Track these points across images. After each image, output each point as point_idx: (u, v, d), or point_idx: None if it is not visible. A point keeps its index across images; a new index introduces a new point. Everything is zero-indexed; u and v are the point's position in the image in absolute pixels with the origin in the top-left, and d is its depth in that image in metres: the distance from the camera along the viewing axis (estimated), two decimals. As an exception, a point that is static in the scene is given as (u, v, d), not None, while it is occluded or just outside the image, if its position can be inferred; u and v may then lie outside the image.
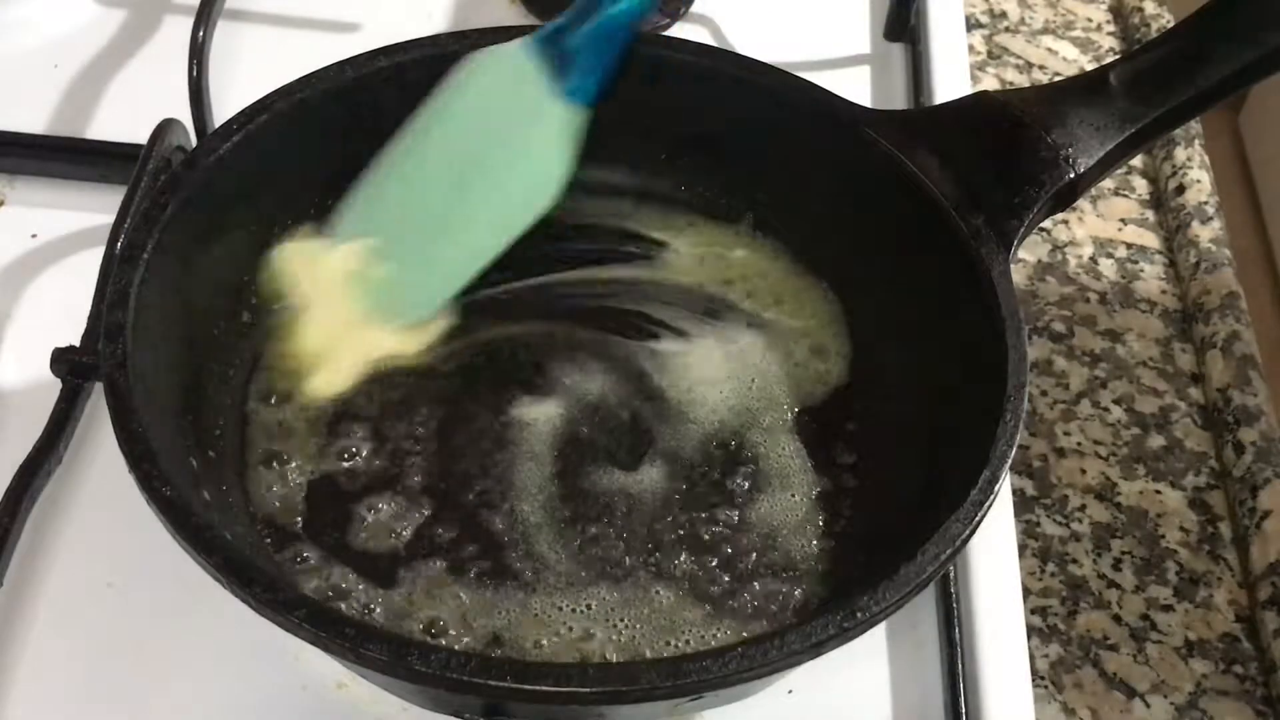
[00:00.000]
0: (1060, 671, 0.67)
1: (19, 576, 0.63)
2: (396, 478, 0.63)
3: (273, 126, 0.65)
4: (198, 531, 0.51)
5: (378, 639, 0.49)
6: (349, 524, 0.61)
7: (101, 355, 0.55)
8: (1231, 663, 0.68)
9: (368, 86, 0.67)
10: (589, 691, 0.49)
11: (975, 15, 1.00)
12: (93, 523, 0.65)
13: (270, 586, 0.50)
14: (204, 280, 0.63)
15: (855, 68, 0.92)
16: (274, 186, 0.66)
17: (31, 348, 0.69)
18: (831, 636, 0.50)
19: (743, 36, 0.92)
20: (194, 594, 0.57)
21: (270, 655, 0.61)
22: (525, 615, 0.58)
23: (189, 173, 0.62)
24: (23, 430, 0.65)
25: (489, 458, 0.64)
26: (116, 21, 0.91)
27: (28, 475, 0.64)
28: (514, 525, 0.61)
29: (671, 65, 0.70)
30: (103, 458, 0.67)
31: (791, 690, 0.62)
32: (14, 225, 0.78)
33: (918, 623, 0.64)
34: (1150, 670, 0.67)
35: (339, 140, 0.68)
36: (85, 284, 0.68)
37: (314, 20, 0.91)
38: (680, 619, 0.59)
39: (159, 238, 0.59)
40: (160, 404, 0.57)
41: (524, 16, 0.93)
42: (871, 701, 0.62)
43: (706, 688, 0.50)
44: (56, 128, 0.83)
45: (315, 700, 0.60)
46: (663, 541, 0.61)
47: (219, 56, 0.84)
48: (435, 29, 0.77)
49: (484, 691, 0.48)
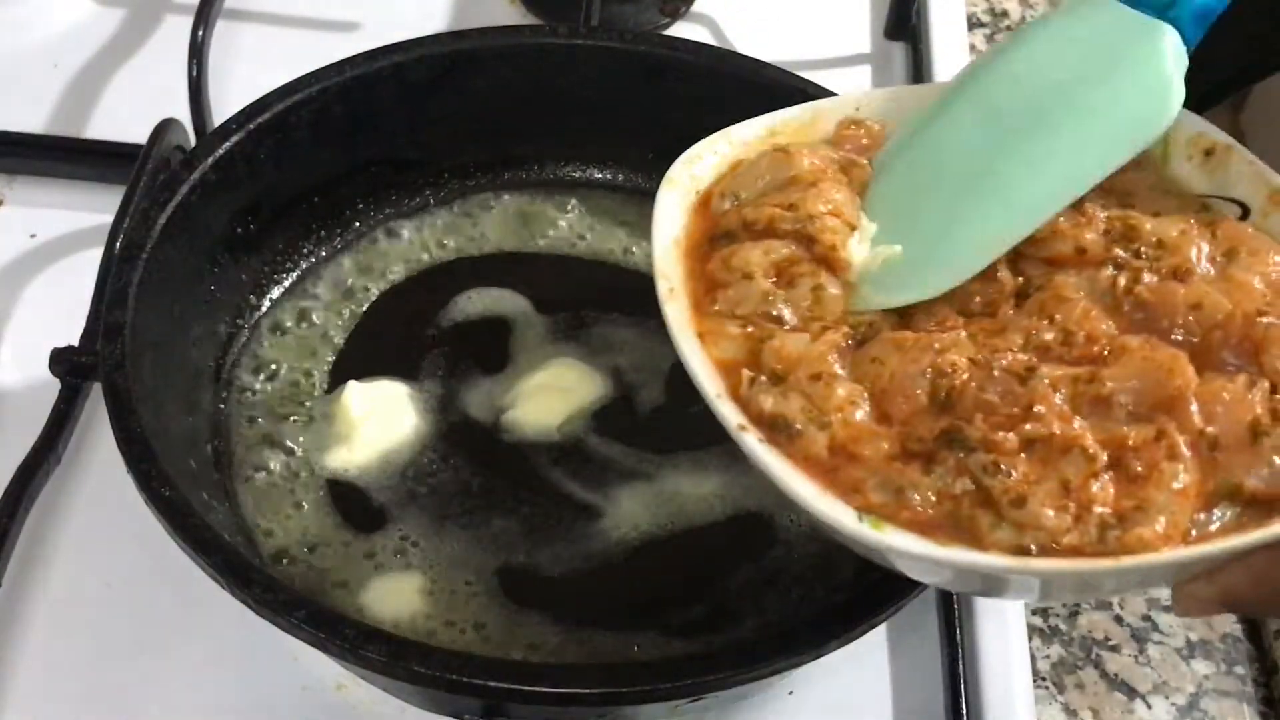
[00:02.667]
0: (1061, 672, 0.66)
1: (18, 577, 0.63)
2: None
3: (273, 126, 0.65)
4: (197, 532, 0.51)
5: (377, 640, 0.49)
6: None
7: (101, 355, 0.55)
8: (1233, 664, 0.68)
9: (368, 86, 0.68)
10: (589, 692, 0.49)
11: (976, 14, 1.00)
12: (91, 523, 0.65)
13: (269, 587, 0.49)
14: (204, 280, 0.64)
15: (856, 67, 0.92)
16: (274, 186, 0.67)
17: (30, 348, 0.69)
18: (833, 637, 0.50)
19: (743, 36, 0.92)
20: (193, 594, 0.57)
21: (269, 656, 0.61)
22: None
23: (188, 172, 0.62)
24: (21, 430, 0.65)
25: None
26: (116, 21, 0.90)
27: (27, 475, 0.64)
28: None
29: (671, 65, 0.70)
30: (101, 458, 0.67)
31: (792, 691, 0.62)
32: (13, 225, 0.78)
33: (919, 623, 0.64)
34: (1152, 671, 0.67)
35: (339, 140, 0.68)
36: (84, 284, 0.68)
37: (314, 20, 0.91)
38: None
39: (158, 238, 0.59)
40: (159, 404, 0.57)
41: (524, 16, 0.93)
42: (872, 701, 0.62)
43: (707, 689, 0.50)
44: (55, 127, 0.83)
45: (314, 701, 0.60)
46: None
47: (219, 56, 0.84)
48: (435, 29, 0.77)
49: (483, 693, 0.48)
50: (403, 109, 0.69)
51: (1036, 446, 0.46)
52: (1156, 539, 0.43)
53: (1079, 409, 0.47)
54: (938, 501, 0.46)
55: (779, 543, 0.61)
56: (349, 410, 0.63)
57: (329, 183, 0.70)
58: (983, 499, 0.45)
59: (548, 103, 0.72)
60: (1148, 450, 0.45)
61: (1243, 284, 0.50)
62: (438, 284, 0.70)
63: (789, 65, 0.69)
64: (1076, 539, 0.44)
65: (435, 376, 0.66)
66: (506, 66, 0.70)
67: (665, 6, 0.92)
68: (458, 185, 0.74)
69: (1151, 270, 0.50)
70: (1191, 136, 0.56)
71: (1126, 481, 0.45)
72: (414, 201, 0.73)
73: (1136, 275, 0.50)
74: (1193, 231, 0.52)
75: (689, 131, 0.59)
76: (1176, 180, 0.56)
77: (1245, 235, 0.52)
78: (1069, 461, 0.45)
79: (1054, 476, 0.45)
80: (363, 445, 0.63)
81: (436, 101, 0.70)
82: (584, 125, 0.73)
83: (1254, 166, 0.54)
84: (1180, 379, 0.46)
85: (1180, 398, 0.46)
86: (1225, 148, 0.55)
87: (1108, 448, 0.45)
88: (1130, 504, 0.44)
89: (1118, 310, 0.50)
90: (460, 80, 0.70)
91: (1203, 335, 0.49)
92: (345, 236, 0.71)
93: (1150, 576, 0.46)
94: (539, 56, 0.70)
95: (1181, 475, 0.44)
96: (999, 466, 0.45)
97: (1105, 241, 0.52)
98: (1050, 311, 0.50)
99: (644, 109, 0.71)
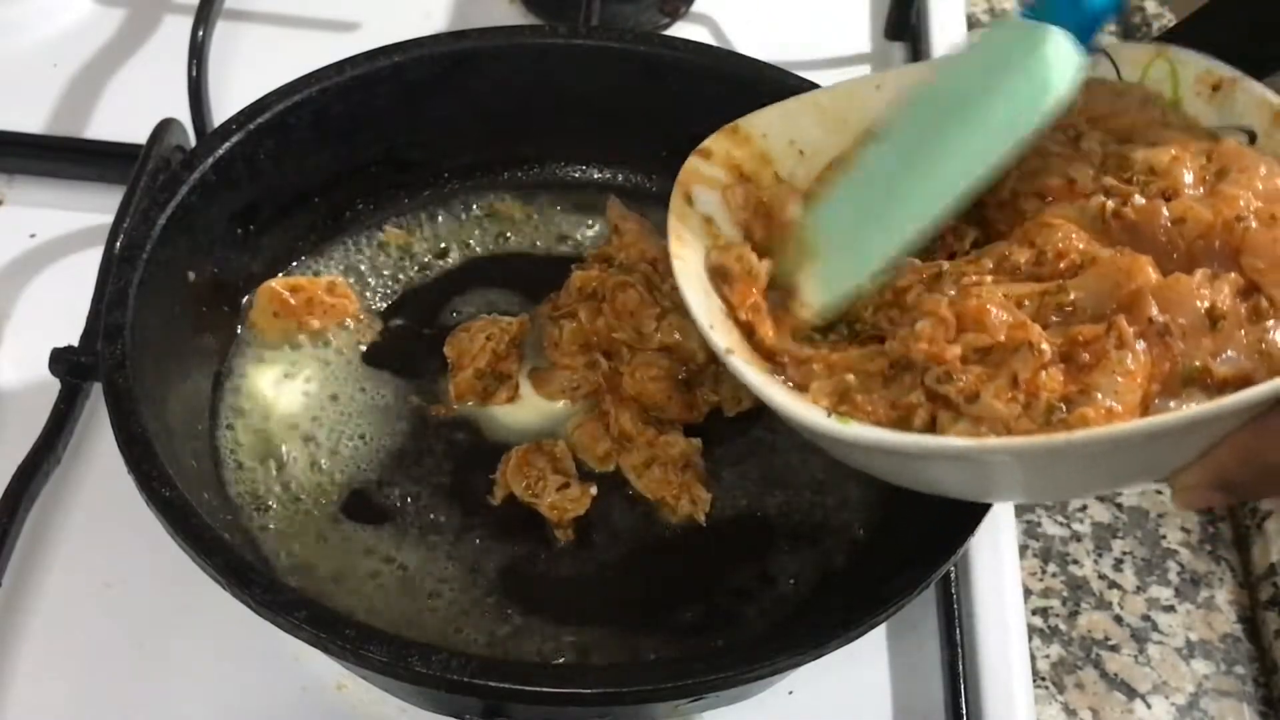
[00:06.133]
0: (1061, 672, 0.66)
1: (18, 577, 0.63)
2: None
3: (272, 127, 0.65)
4: (197, 532, 0.51)
5: (378, 640, 0.49)
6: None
7: (101, 355, 0.55)
8: (1233, 663, 0.68)
9: (368, 86, 0.67)
10: (589, 693, 0.49)
11: (976, 14, 1.00)
12: (91, 523, 0.65)
13: (270, 588, 0.49)
14: (205, 280, 0.64)
15: (856, 67, 0.92)
16: (274, 187, 0.66)
17: (30, 348, 0.69)
18: (833, 637, 0.50)
19: (743, 36, 0.92)
20: (193, 595, 0.57)
21: (269, 656, 0.61)
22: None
23: (188, 173, 0.62)
24: (21, 430, 0.65)
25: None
26: (115, 21, 0.90)
27: (26, 476, 0.64)
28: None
29: (671, 65, 0.70)
30: (101, 458, 0.67)
31: (792, 690, 0.62)
32: (13, 225, 0.77)
33: (918, 623, 0.64)
34: (1151, 671, 0.67)
35: (339, 141, 0.68)
36: (84, 284, 0.68)
37: (314, 20, 0.91)
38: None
39: (158, 238, 0.59)
40: (159, 404, 0.57)
41: (524, 16, 0.93)
42: (872, 701, 0.62)
43: (707, 689, 0.50)
44: (55, 127, 0.83)
45: (314, 701, 0.60)
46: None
47: (219, 56, 0.84)
48: (435, 29, 0.77)
49: (484, 693, 0.48)
50: (403, 109, 0.69)
51: (989, 353, 0.48)
52: (1100, 416, 0.45)
53: (1043, 318, 0.49)
54: (893, 408, 0.49)
55: (779, 543, 0.61)
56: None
57: (329, 183, 0.70)
58: (943, 403, 0.48)
59: (548, 103, 0.72)
60: (1097, 342, 0.47)
61: (1229, 197, 0.51)
62: (437, 284, 0.70)
63: (789, 65, 0.69)
64: (1026, 424, 0.46)
65: (435, 376, 0.66)
66: (506, 66, 0.70)
67: (665, 6, 0.92)
68: (458, 185, 0.74)
69: (1142, 194, 0.52)
70: (1199, 74, 0.57)
71: (1076, 371, 0.47)
72: (414, 202, 0.73)
73: (1126, 199, 0.52)
74: (1185, 156, 0.53)
75: (689, 131, 0.59)
76: (1188, 118, 0.57)
77: (1239, 154, 0.53)
78: (1018, 358, 0.48)
79: (1004, 373, 0.48)
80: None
81: (436, 101, 0.70)
82: (584, 125, 0.73)
83: (1259, 93, 0.56)
84: (1140, 278, 0.48)
85: (1139, 295, 0.48)
86: (1231, 80, 0.56)
87: (1062, 347, 0.48)
88: (1076, 389, 0.47)
89: (1106, 234, 0.51)
90: (460, 80, 0.70)
91: (1186, 246, 0.50)
92: (345, 236, 0.71)
93: (1118, 455, 0.47)
94: (539, 56, 0.70)
95: (1129, 360, 0.46)
96: (950, 376, 0.48)
97: (1096, 172, 0.54)
98: (1031, 237, 0.52)
99: (644, 109, 0.71)
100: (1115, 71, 0.59)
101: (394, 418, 0.64)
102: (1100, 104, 0.57)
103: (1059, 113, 0.53)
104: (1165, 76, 0.58)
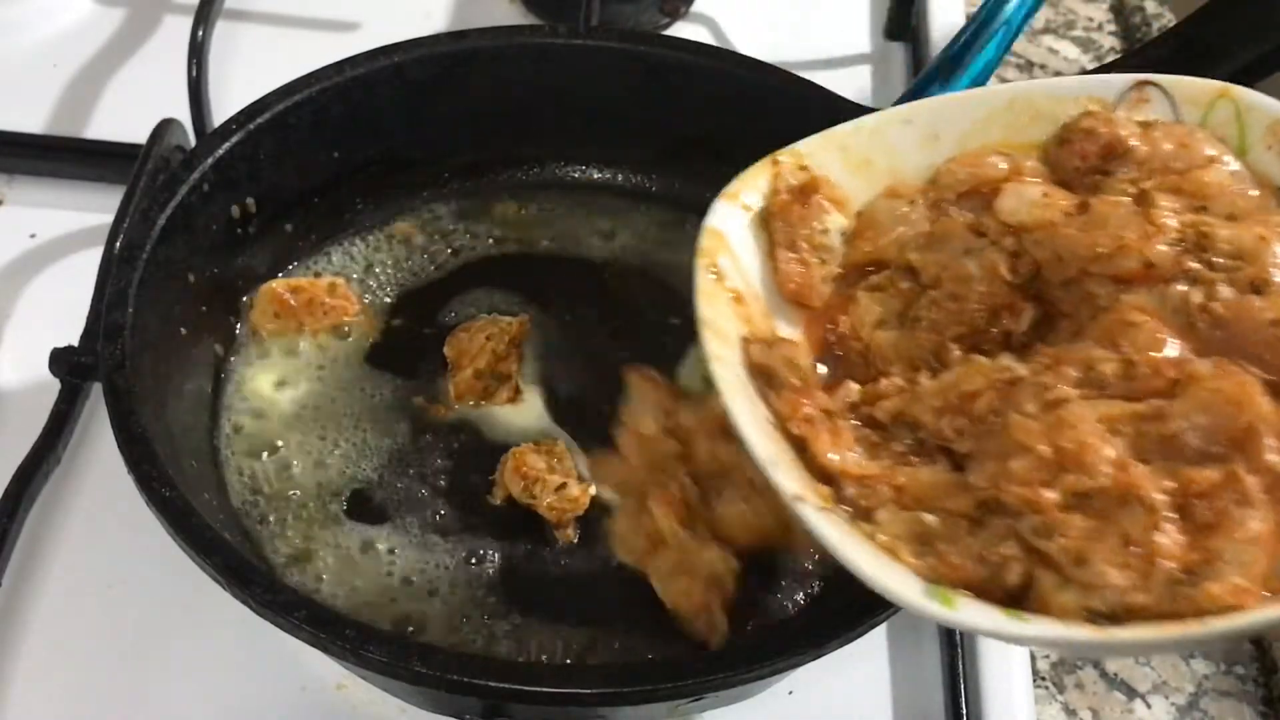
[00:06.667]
0: (1061, 672, 0.66)
1: (18, 577, 0.63)
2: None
3: (272, 126, 0.65)
4: (197, 532, 0.51)
5: (377, 640, 0.49)
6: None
7: (101, 356, 0.55)
8: (1233, 663, 0.68)
9: (368, 86, 0.67)
10: (589, 692, 0.49)
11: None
12: (92, 523, 0.65)
13: (270, 588, 0.49)
14: (205, 280, 0.64)
15: (856, 67, 0.92)
16: (274, 186, 0.66)
17: (30, 348, 0.69)
18: (833, 637, 0.50)
19: (743, 36, 0.92)
20: (193, 595, 0.57)
21: (269, 656, 0.61)
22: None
23: (188, 173, 0.62)
24: (21, 431, 0.65)
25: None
26: (115, 21, 0.90)
27: (26, 476, 0.64)
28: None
29: (671, 65, 0.70)
30: (101, 458, 0.67)
31: (792, 691, 0.62)
32: (13, 225, 0.78)
33: (919, 623, 0.64)
34: (1151, 670, 0.67)
35: (339, 140, 0.68)
36: (84, 284, 0.68)
37: (314, 20, 0.91)
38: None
39: (158, 238, 0.59)
40: (159, 404, 0.57)
41: (524, 16, 0.93)
42: (872, 701, 0.62)
43: (707, 689, 0.50)
44: (55, 127, 0.83)
45: (314, 701, 0.60)
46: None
47: (219, 56, 0.84)
48: (435, 29, 0.77)
49: (483, 693, 0.48)
50: (403, 109, 0.69)
51: (1087, 497, 0.42)
52: (1229, 593, 0.39)
53: (1145, 452, 0.42)
54: (981, 562, 0.43)
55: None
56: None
57: (329, 183, 0.70)
58: (1040, 559, 0.42)
59: (548, 103, 0.72)
60: (1216, 495, 0.41)
61: None
62: (437, 284, 0.70)
63: (789, 65, 0.69)
64: (1144, 598, 0.40)
65: (435, 376, 0.66)
66: (506, 66, 0.70)
67: (665, 6, 0.92)
68: (458, 185, 0.74)
69: (1228, 282, 0.45)
70: (1270, 124, 0.50)
71: (1194, 532, 0.41)
72: (414, 201, 0.73)
73: (1211, 290, 0.45)
74: (1271, 235, 0.46)
75: (689, 132, 0.59)
76: (1257, 171, 0.50)
77: None
78: (1128, 514, 0.41)
79: (1113, 530, 0.41)
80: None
81: (437, 101, 0.70)
82: (584, 125, 0.73)
83: None
84: (1250, 412, 0.42)
85: (1252, 432, 0.41)
86: None
87: (1173, 495, 0.41)
88: (1198, 557, 0.40)
89: (1192, 330, 0.45)
90: (460, 80, 0.70)
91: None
92: (345, 237, 0.71)
93: (1243, 635, 0.44)
94: (539, 56, 0.70)
95: (1254, 522, 0.40)
96: (1049, 529, 0.42)
97: (1176, 254, 0.47)
98: (1114, 337, 0.45)
99: (644, 109, 0.71)
100: (1171, 109, 0.52)
101: (394, 418, 0.64)
102: (1164, 154, 0.51)
103: None
104: (1230, 119, 0.51)
